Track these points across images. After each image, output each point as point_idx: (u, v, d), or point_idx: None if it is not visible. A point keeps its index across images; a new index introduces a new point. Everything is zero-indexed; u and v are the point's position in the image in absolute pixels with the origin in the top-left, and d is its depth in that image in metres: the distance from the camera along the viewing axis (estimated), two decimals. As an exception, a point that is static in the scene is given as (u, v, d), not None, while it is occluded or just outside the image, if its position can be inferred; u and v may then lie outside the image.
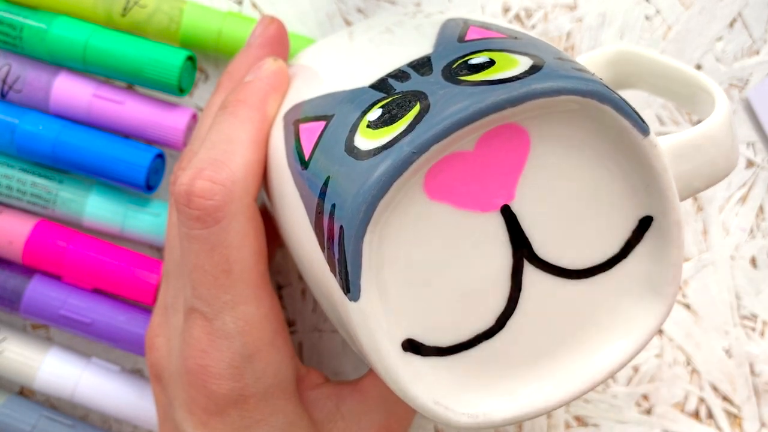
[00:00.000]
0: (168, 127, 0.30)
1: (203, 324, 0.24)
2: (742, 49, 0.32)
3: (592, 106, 0.19)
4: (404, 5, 0.32)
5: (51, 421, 0.32)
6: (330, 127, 0.22)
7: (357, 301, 0.19)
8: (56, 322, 0.31)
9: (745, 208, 0.33)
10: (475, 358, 0.21)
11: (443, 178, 0.20)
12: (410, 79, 0.21)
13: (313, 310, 0.33)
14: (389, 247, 0.20)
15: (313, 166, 0.22)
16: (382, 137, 0.19)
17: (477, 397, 0.21)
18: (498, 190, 0.20)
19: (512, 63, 0.20)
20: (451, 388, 0.21)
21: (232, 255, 0.24)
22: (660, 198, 0.21)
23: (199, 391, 0.24)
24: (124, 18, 0.31)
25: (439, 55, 0.22)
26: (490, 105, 0.19)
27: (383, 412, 0.26)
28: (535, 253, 0.21)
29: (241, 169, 0.24)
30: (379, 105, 0.21)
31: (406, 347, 0.21)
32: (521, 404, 0.21)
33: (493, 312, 0.21)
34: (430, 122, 0.19)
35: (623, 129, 0.20)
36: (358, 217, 0.19)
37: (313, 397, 0.26)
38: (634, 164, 0.20)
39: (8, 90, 0.31)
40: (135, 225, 0.31)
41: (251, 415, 0.25)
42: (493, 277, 0.21)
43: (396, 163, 0.19)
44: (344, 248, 0.19)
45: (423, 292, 0.20)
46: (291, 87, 0.26)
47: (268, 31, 0.29)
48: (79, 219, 0.31)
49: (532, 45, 0.22)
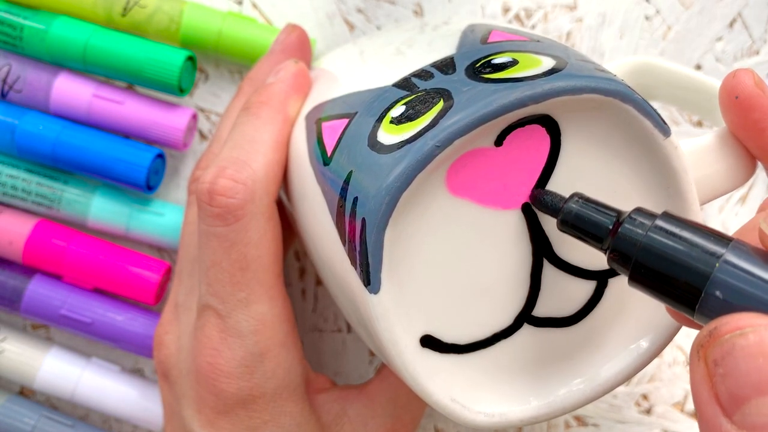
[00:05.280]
0: (168, 127, 0.30)
1: (216, 321, 0.24)
2: (742, 49, 0.32)
3: (614, 105, 0.19)
4: (404, 5, 0.32)
5: (51, 421, 0.32)
6: (353, 124, 0.22)
7: (377, 293, 0.19)
8: (56, 322, 0.31)
9: (745, 208, 0.33)
10: (492, 357, 0.21)
11: (466, 173, 0.20)
12: (433, 78, 0.21)
13: (313, 310, 0.33)
14: (410, 241, 0.20)
15: (335, 162, 0.22)
16: (406, 132, 0.20)
17: (493, 397, 0.21)
18: (519, 188, 0.20)
19: (535, 63, 0.20)
20: (467, 386, 0.21)
21: (250, 253, 0.24)
22: (680, 199, 0.21)
23: (208, 389, 0.24)
24: (124, 18, 0.31)
25: (462, 56, 0.22)
26: (513, 101, 0.19)
27: (390, 417, 0.27)
28: (554, 253, 0.21)
29: (263, 168, 0.24)
30: (403, 102, 0.21)
31: (425, 343, 0.21)
32: (538, 405, 0.21)
33: (512, 311, 0.21)
34: (453, 117, 0.19)
35: (645, 129, 0.20)
36: (381, 210, 0.19)
37: (321, 400, 0.27)
38: (655, 165, 0.20)
39: (8, 90, 0.31)
40: (139, 225, 0.31)
41: (259, 415, 0.25)
42: (512, 276, 0.21)
43: (419, 157, 0.19)
44: (366, 240, 0.19)
45: (442, 288, 0.20)
46: (313, 89, 0.26)
47: (290, 37, 0.29)
48: (84, 219, 0.31)
49: (555, 47, 0.22)
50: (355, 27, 0.32)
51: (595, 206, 0.19)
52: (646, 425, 0.33)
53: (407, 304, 0.20)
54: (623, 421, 0.33)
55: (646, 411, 0.33)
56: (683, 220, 0.17)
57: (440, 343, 0.21)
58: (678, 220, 0.17)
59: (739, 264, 0.16)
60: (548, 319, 0.21)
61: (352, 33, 0.32)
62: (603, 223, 0.18)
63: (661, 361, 0.33)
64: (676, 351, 0.33)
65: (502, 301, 0.21)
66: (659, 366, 0.33)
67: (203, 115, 0.32)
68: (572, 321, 0.22)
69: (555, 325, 0.22)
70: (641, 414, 0.33)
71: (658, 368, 0.33)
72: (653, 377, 0.33)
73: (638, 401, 0.33)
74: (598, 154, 0.20)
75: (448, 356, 0.21)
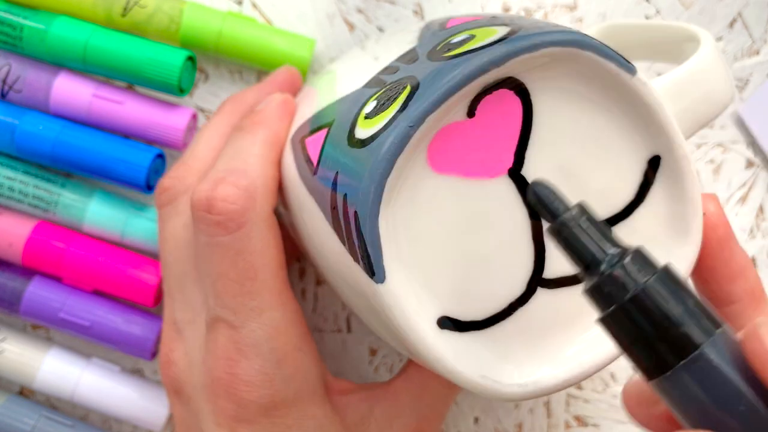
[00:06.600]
0: (168, 127, 0.30)
1: (230, 333, 0.24)
2: (742, 49, 0.32)
3: (574, 55, 0.20)
4: (404, 5, 0.32)
5: (51, 421, 0.32)
6: (332, 131, 0.22)
7: (383, 282, 0.19)
8: (55, 324, 0.31)
9: (745, 208, 0.33)
10: (513, 327, 0.21)
11: (446, 150, 0.20)
12: (399, 71, 0.22)
13: (314, 310, 0.33)
14: (406, 225, 0.20)
15: (321, 169, 0.22)
16: (379, 122, 0.20)
17: (523, 366, 0.21)
18: (501, 155, 0.20)
19: (491, 32, 0.20)
20: (494, 360, 0.21)
21: (257, 261, 0.24)
22: (662, 135, 0.21)
23: (227, 399, 0.24)
24: (124, 18, 0.31)
25: (423, 45, 0.22)
26: (474, 69, 0.19)
27: (415, 415, 0.27)
28: None
29: (261, 178, 0.24)
30: (374, 98, 0.21)
31: (443, 325, 0.21)
32: (569, 367, 0.21)
33: (523, 277, 0.21)
34: (421, 96, 0.19)
35: (610, 73, 0.20)
36: (369, 198, 0.19)
37: (345, 402, 0.27)
38: (630, 106, 0.21)
39: (8, 90, 0.31)
40: (135, 232, 0.31)
41: (282, 421, 0.25)
42: (515, 242, 0.21)
43: (396, 140, 0.19)
44: (361, 232, 0.19)
45: (448, 268, 0.21)
46: (297, 111, 0.27)
47: (281, 75, 0.30)
48: (80, 224, 0.31)
49: (511, 18, 0.22)
50: (355, 27, 0.32)
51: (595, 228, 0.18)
52: (646, 425, 0.33)
53: (416, 288, 0.20)
54: (623, 421, 0.33)
55: (646, 411, 0.33)
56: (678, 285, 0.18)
57: (458, 323, 0.21)
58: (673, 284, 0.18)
59: (715, 362, 0.17)
60: (560, 279, 0.21)
61: (352, 33, 0.32)
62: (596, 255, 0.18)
63: (661, 361, 0.33)
64: (676, 351, 0.33)
65: (511, 269, 0.21)
66: (659, 366, 0.33)
67: (203, 115, 0.32)
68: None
69: (568, 284, 0.21)
70: (641, 414, 0.33)
71: (658, 368, 0.33)
72: (653, 377, 0.33)
73: (638, 401, 0.33)
74: (571, 108, 0.21)
75: (468, 334, 0.21)
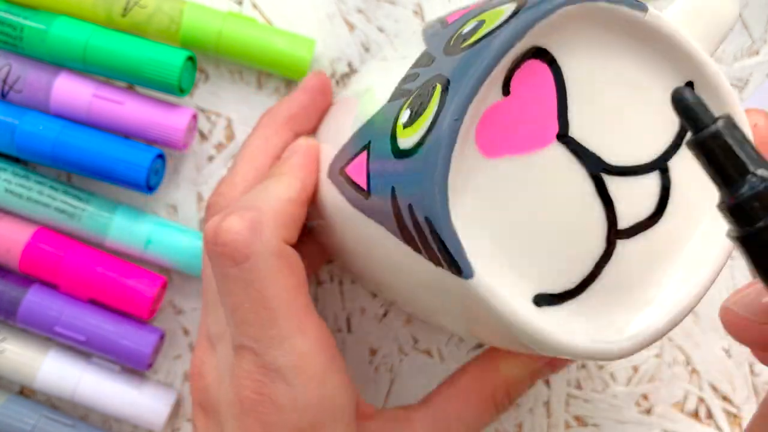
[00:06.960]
0: (168, 127, 0.30)
1: (254, 359, 0.24)
2: (742, 49, 0.32)
3: (587, 10, 0.20)
4: (404, 5, 0.32)
5: (51, 421, 0.32)
6: (372, 151, 0.22)
7: (473, 276, 0.20)
8: (52, 336, 0.31)
9: (744, 208, 0.33)
10: (604, 285, 0.21)
11: (492, 133, 0.20)
12: (420, 76, 0.22)
13: (313, 310, 0.33)
14: (478, 216, 0.20)
15: (374, 191, 0.22)
16: (421, 127, 0.20)
17: (624, 320, 0.21)
18: (546, 123, 0.21)
19: (499, 13, 0.21)
20: (597, 322, 0.21)
21: (268, 291, 0.24)
22: (688, 59, 0.21)
23: (255, 419, 0.24)
24: (124, 18, 0.31)
25: (433, 45, 0.23)
26: (501, 46, 0.19)
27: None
28: (607, 163, 0.21)
29: (271, 211, 0.25)
30: (405, 107, 0.21)
31: (540, 302, 0.21)
32: (667, 309, 0.21)
33: (600, 234, 0.21)
34: (456, 88, 0.19)
35: (625, 16, 0.21)
36: (437, 200, 0.19)
37: (364, 428, 0.27)
38: (651, 42, 0.21)
39: (8, 90, 0.31)
40: (157, 249, 0.31)
41: None
42: (583, 202, 0.21)
43: (445, 138, 0.19)
44: (438, 235, 0.19)
45: (529, 245, 0.21)
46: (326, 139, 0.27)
47: (312, 81, 0.30)
48: (103, 239, 0.31)
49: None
50: (355, 27, 0.32)
51: (746, 142, 0.16)
52: (646, 425, 0.33)
53: (505, 273, 0.20)
54: (623, 421, 0.33)
55: (646, 411, 0.33)
56: None
57: (553, 296, 0.21)
58: None
59: None
60: (635, 226, 0.22)
61: (352, 33, 0.32)
62: (748, 167, 0.16)
63: (661, 361, 0.33)
64: (675, 351, 0.33)
65: (587, 229, 0.21)
66: (659, 366, 0.33)
67: (203, 115, 0.32)
68: (657, 216, 0.22)
69: (644, 228, 0.22)
70: (641, 414, 0.33)
71: (657, 368, 0.33)
72: (653, 377, 0.33)
73: (638, 401, 0.33)
74: (596, 59, 0.21)
75: (566, 304, 0.21)
